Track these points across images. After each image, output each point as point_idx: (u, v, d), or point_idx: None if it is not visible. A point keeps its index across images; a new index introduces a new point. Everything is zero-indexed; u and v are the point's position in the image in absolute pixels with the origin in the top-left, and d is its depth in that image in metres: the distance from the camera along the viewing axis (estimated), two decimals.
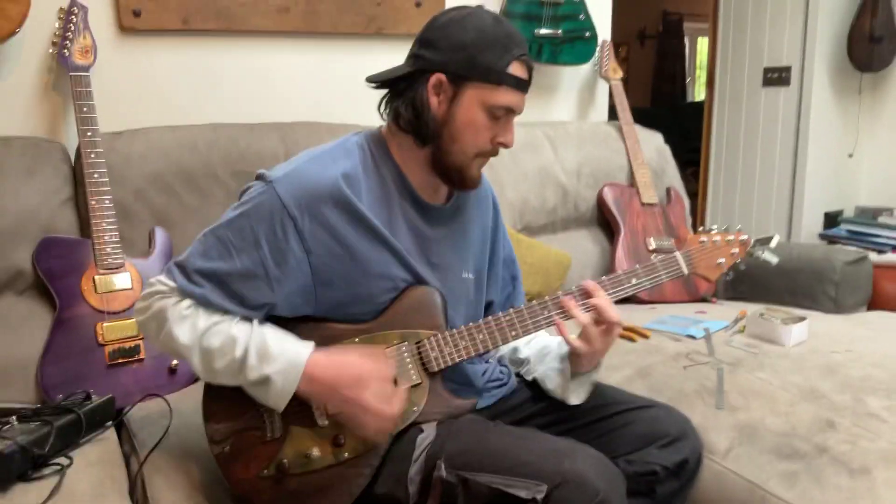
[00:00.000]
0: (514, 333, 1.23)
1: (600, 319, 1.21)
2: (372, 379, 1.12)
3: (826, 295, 2.11)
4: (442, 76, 1.16)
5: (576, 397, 1.30)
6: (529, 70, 1.19)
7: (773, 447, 1.33)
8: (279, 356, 1.11)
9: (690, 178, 4.71)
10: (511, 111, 1.19)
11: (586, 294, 1.23)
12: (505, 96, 1.16)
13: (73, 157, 1.74)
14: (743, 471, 1.32)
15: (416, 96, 1.17)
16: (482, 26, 1.15)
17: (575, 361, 1.28)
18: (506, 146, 1.21)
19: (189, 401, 1.36)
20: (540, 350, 1.38)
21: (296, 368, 1.10)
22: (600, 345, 1.22)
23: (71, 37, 1.71)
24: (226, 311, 1.14)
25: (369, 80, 1.22)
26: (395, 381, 1.17)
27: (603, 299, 1.22)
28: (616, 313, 1.21)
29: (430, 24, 1.19)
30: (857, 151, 3.53)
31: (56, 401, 1.41)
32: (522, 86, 1.18)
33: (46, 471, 1.19)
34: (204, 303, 1.13)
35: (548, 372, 1.34)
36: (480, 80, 1.15)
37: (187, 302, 1.13)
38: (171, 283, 1.14)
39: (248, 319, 1.15)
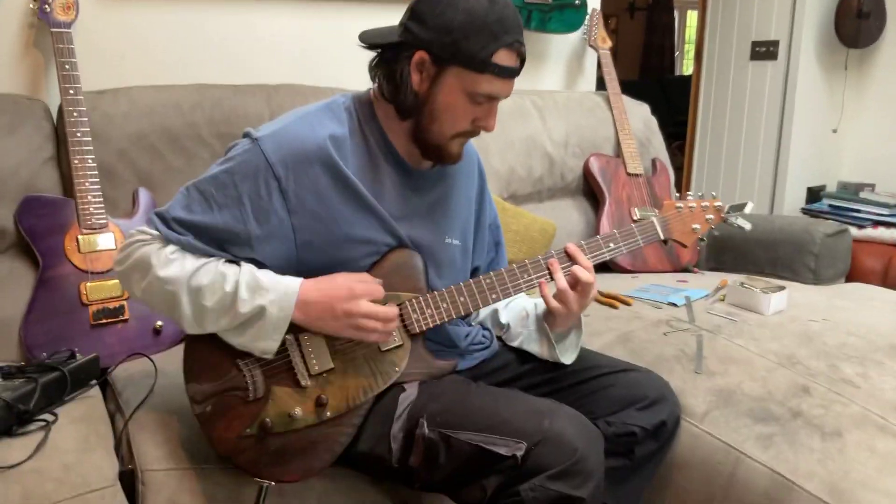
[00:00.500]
0: (494, 296, 1.25)
1: (576, 282, 1.23)
2: (364, 293, 1.14)
3: (806, 266, 2.14)
4: (425, 55, 1.14)
5: (568, 357, 1.32)
6: (520, 57, 1.16)
7: (750, 411, 1.37)
8: (272, 287, 1.11)
9: (676, 151, 4.73)
10: (494, 98, 1.17)
11: (569, 257, 1.25)
12: (487, 84, 1.14)
13: (55, 116, 1.72)
14: (720, 433, 1.35)
15: (398, 70, 1.16)
16: (473, 8, 1.11)
17: (550, 321, 1.30)
18: (486, 130, 1.21)
19: (174, 361, 1.36)
20: (518, 314, 1.39)
21: (289, 297, 1.11)
22: (576, 306, 1.24)
23: None
24: (210, 255, 1.14)
25: (361, 37, 1.20)
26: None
27: (582, 263, 1.24)
28: (590, 275, 1.23)
29: None
30: (842, 127, 3.55)
31: (40, 359, 1.41)
32: (508, 73, 1.15)
33: (32, 427, 1.20)
34: (189, 247, 1.13)
35: (531, 335, 1.36)
36: (463, 66, 1.13)
37: (172, 247, 1.13)
38: (154, 232, 1.14)
39: (234, 262, 1.15)
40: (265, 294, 1.11)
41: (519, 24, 1.15)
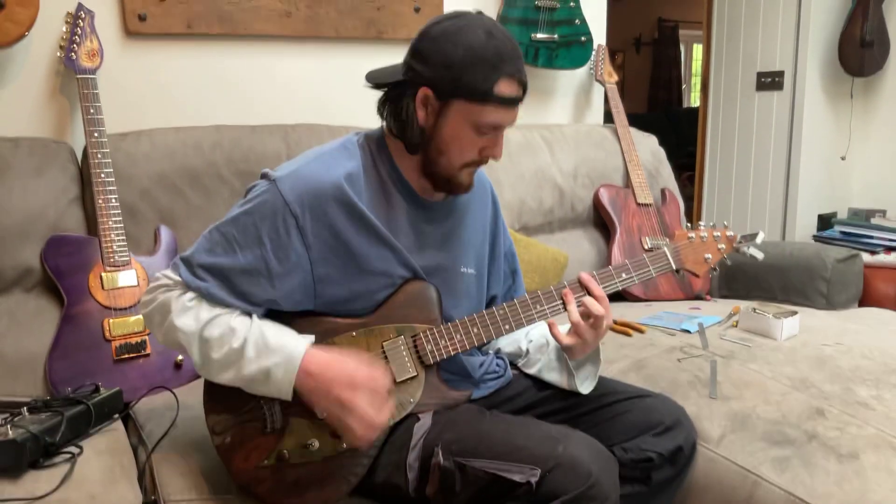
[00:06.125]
0: (507, 327, 1.27)
1: (588, 314, 1.24)
2: (366, 385, 1.13)
3: (818, 292, 2.15)
4: (429, 91, 1.17)
5: (585, 387, 1.33)
6: (521, 84, 1.19)
7: (765, 434, 1.37)
8: (278, 350, 1.13)
9: (687, 182, 4.76)
10: (499, 127, 1.20)
11: (581, 286, 1.27)
12: (491, 115, 1.17)
13: (79, 158, 1.79)
14: (735, 457, 1.35)
15: (404, 107, 1.20)
16: (472, 43, 1.14)
17: (568, 351, 1.31)
18: (494, 159, 1.24)
19: (195, 394, 1.39)
20: (538, 341, 1.41)
21: (293, 362, 1.13)
22: (590, 337, 1.25)
23: (78, 40, 1.75)
24: (227, 306, 1.17)
25: (367, 77, 1.25)
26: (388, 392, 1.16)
27: (594, 291, 1.25)
28: (601, 308, 1.24)
29: (424, 33, 1.19)
30: (850, 154, 3.58)
31: (65, 393, 1.44)
32: (510, 103, 1.17)
33: (58, 459, 1.22)
34: (207, 296, 1.16)
35: (550, 363, 1.37)
36: (466, 99, 1.16)
37: (191, 294, 1.16)
38: (176, 277, 1.18)
39: (248, 314, 1.18)
40: (270, 356, 1.13)
41: (517, 54, 1.18)
